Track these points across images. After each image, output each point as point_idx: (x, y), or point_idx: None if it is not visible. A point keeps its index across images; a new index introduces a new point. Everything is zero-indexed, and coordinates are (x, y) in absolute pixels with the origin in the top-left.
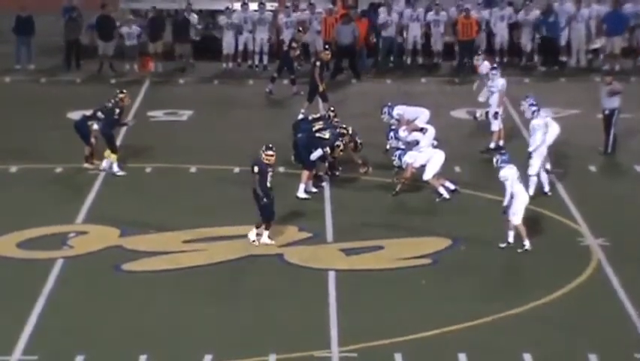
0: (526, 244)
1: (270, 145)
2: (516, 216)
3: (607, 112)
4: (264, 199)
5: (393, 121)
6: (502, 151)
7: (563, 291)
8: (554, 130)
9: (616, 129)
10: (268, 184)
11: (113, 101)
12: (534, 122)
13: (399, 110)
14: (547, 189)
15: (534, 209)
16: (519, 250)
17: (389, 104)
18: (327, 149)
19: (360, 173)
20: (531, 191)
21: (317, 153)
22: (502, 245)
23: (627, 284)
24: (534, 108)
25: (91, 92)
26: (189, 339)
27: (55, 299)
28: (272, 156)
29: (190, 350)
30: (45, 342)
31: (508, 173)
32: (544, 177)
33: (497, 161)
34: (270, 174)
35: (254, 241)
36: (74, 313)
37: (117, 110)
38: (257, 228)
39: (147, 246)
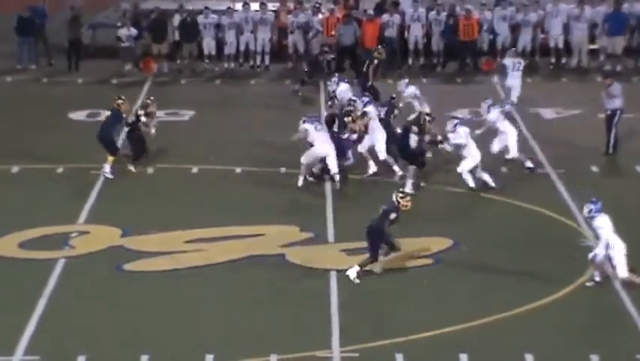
0: (599, 279)
1: (405, 191)
2: (620, 267)
3: (609, 112)
4: (379, 240)
5: None
6: (594, 199)
7: (564, 291)
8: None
9: (617, 130)
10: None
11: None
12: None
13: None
14: (492, 184)
15: (534, 209)
16: (587, 284)
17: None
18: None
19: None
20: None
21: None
22: (589, 284)
23: (628, 285)
24: (489, 103)
25: (92, 93)
26: (191, 339)
27: (56, 299)
28: (409, 202)
29: (192, 350)
30: (47, 342)
31: (603, 222)
32: (485, 176)
33: (590, 211)
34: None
35: (355, 278)
36: (76, 314)
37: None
38: (360, 266)
39: (149, 246)
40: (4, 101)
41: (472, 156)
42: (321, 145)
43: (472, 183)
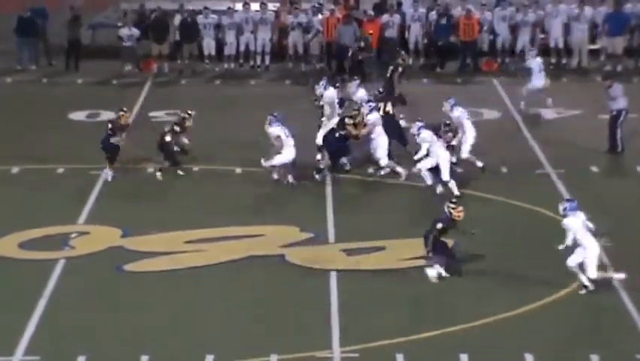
0: (588, 284)
1: (454, 200)
2: (591, 269)
3: (614, 113)
4: (436, 249)
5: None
6: (569, 198)
7: (564, 291)
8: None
9: (622, 130)
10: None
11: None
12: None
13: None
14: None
15: (534, 209)
16: (580, 292)
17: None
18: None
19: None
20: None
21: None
22: (582, 292)
23: (629, 285)
24: (452, 102)
25: (92, 93)
26: (191, 339)
27: (56, 300)
28: (462, 212)
29: (192, 350)
30: (47, 343)
31: (574, 222)
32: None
33: (565, 209)
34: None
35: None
36: (76, 314)
37: (110, 126)
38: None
39: (149, 246)
40: (4, 102)
41: (435, 156)
42: (290, 151)
43: (429, 181)
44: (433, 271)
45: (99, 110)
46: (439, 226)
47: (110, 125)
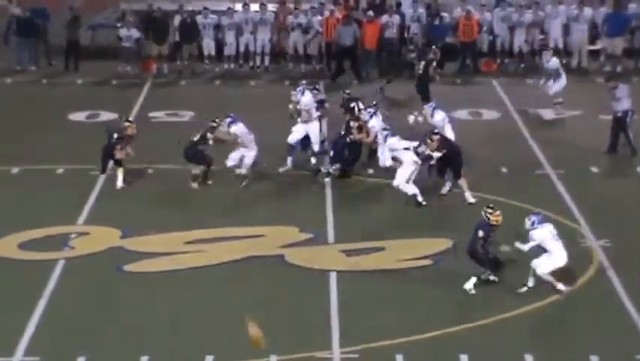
0: (561, 287)
1: (492, 205)
2: (541, 268)
3: (619, 114)
4: (479, 258)
5: None
6: (535, 211)
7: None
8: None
9: (629, 131)
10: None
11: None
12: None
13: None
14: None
15: (534, 209)
16: (523, 289)
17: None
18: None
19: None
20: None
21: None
22: (521, 290)
23: (628, 286)
24: (433, 106)
25: (91, 94)
26: (191, 340)
27: (56, 300)
28: (499, 216)
29: (192, 350)
30: (47, 343)
31: (542, 234)
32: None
33: (533, 223)
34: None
35: (470, 289)
36: (76, 314)
37: (115, 135)
38: (477, 277)
39: (148, 247)
40: (3, 102)
41: (407, 164)
42: (253, 147)
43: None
44: (471, 282)
45: (99, 111)
46: (481, 234)
47: (115, 136)
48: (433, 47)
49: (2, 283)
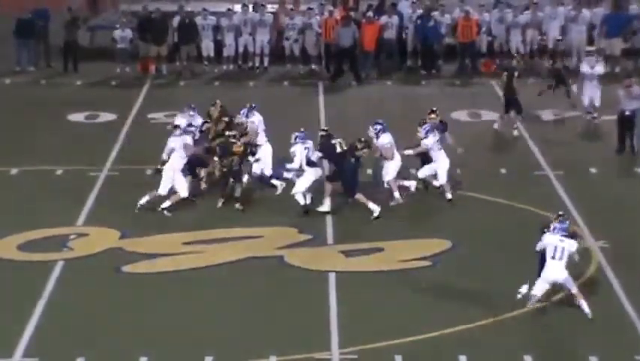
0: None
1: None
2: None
3: (627, 113)
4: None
5: None
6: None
7: (564, 292)
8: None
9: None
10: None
11: None
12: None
13: None
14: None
15: (534, 210)
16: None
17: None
18: None
19: None
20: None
21: None
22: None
23: (627, 286)
24: (378, 128)
25: (90, 95)
26: (190, 341)
27: (55, 301)
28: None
29: (191, 350)
30: (46, 344)
31: (550, 239)
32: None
33: (554, 229)
34: None
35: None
36: (75, 315)
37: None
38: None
39: (147, 248)
40: (3, 103)
41: (394, 166)
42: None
43: (397, 195)
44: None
45: (98, 112)
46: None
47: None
48: (516, 54)
49: (1, 284)
